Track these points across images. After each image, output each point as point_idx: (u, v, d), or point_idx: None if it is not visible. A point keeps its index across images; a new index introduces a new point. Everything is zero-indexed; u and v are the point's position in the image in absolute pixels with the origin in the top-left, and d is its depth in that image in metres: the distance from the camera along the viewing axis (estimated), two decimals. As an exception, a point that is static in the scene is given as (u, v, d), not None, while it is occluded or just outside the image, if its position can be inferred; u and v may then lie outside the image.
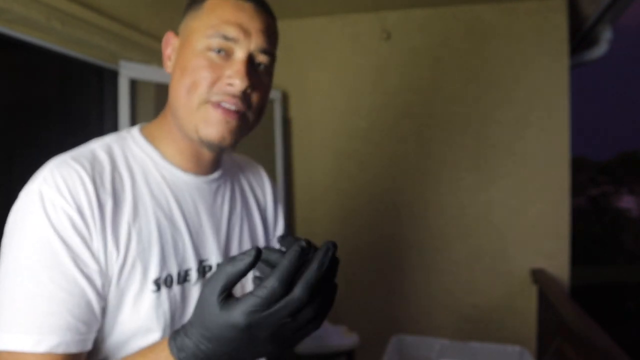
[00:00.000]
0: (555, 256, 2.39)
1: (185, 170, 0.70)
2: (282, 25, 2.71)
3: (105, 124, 1.98)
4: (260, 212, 0.85)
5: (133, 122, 1.98)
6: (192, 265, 0.67)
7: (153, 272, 0.62)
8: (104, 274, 0.59)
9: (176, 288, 0.65)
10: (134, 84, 1.99)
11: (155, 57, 2.09)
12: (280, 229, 0.89)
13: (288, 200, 2.76)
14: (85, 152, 0.63)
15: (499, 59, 2.48)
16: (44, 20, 1.53)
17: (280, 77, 2.79)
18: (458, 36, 2.54)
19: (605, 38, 2.58)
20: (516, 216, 2.45)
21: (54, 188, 0.57)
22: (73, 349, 0.55)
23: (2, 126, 1.63)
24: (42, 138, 1.80)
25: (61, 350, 0.54)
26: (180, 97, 0.67)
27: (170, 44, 0.71)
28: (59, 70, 1.84)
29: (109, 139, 0.68)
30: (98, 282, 0.58)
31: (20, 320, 0.53)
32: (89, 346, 0.58)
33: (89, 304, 0.57)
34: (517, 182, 2.46)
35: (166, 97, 0.75)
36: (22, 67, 1.70)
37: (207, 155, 0.71)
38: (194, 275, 0.67)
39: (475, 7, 2.51)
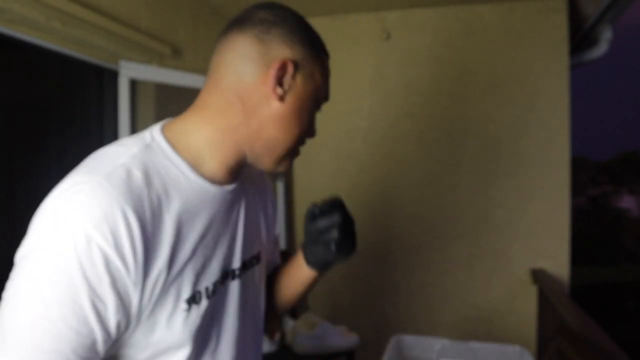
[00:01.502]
0: (555, 256, 2.39)
1: (214, 182, 0.67)
2: (282, 25, 2.62)
3: (105, 124, 1.98)
4: (263, 210, 0.86)
5: (133, 122, 1.98)
6: (218, 277, 0.68)
7: (185, 293, 0.62)
8: (129, 311, 0.56)
9: (204, 302, 0.65)
10: (134, 84, 1.99)
11: (155, 57, 2.09)
12: (276, 224, 0.95)
13: (288, 200, 2.76)
14: (120, 171, 0.57)
15: (499, 59, 2.48)
16: (44, 20, 1.53)
17: (280, 77, 2.79)
18: (458, 36, 2.54)
19: (605, 38, 2.58)
20: (516, 216, 2.45)
21: (91, 222, 0.52)
22: None
23: (2, 126, 1.62)
24: (42, 138, 1.80)
25: None
26: (287, 140, 0.69)
27: (289, 73, 0.65)
28: (59, 70, 1.84)
29: (135, 149, 0.61)
30: (112, 322, 0.55)
31: (23, 354, 0.51)
32: None
33: (94, 344, 0.54)
34: (517, 182, 2.46)
35: (166, 97, 0.75)
36: (22, 67, 1.70)
37: (240, 167, 0.71)
38: (218, 285, 0.68)
39: (475, 7, 2.51)
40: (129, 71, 1.93)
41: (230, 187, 0.70)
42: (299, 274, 0.89)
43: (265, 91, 0.64)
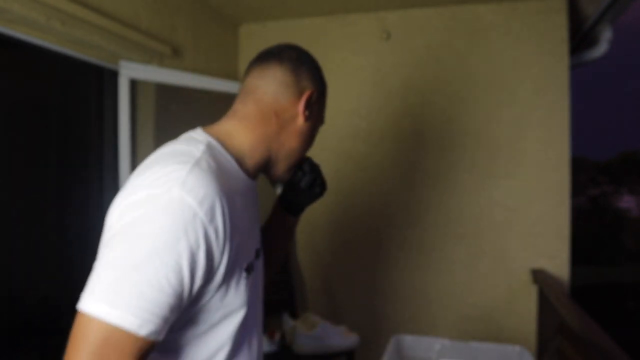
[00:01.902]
0: (555, 256, 2.39)
1: (248, 176, 0.84)
2: (282, 25, 2.72)
3: (105, 124, 1.98)
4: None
5: (133, 122, 1.98)
6: (254, 254, 0.83)
7: (244, 263, 0.78)
8: (213, 275, 0.70)
9: (251, 273, 0.80)
10: (134, 84, 1.99)
11: (155, 57, 2.09)
12: None
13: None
14: (202, 162, 0.71)
15: (499, 59, 2.48)
16: (44, 20, 1.53)
17: (280, 77, 2.79)
18: (458, 36, 2.54)
19: (605, 38, 2.58)
20: (516, 216, 2.45)
21: (196, 200, 0.65)
22: (160, 338, 0.64)
23: (2, 126, 1.63)
24: (42, 138, 1.80)
25: (153, 337, 0.63)
26: (300, 149, 0.90)
27: (313, 100, 0.87)
28: (59, 70, 1.84)
29: (202, 146, 0.75)
30: (196, 287, 0.67)
31: (133, 302, 0.60)
32: (161, 339, 0.66)
33: (180, 305, 0.66)
34: (517, 182, 2.45)
35: (166, 97, 0.78)
36: (22, 67, 1.70)
37: (261, 168, 0.89)
38: (254, 261, 0.83)
39: (475, 7, 2.51)
40: (129, 71, 1.93)
41: (255, 181, 0.88)
42: (283, 224, 1.09)
43: (296, 111, 0.85)
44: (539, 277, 2.30)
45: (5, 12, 1.42)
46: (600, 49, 2.62)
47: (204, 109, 2.44)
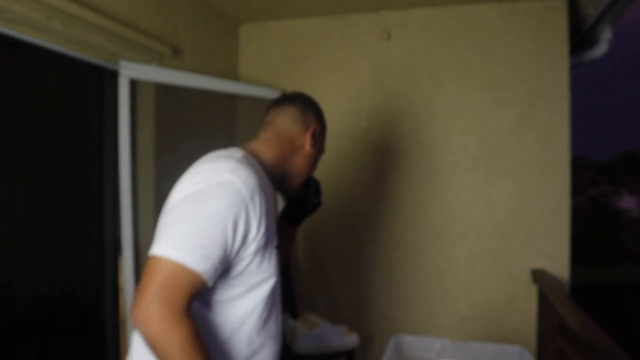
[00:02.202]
0: (555, 256, 2.39)
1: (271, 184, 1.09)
2: (282, 25, 2.72)
3: (105, 124, 1.98)
4: None
5: (133, 122, 1.98)
6: (276, 242, 1.06)
7: (274, 243, 1.03)
8: (246, 242, 0.93)
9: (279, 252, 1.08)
10: (134, 84, 1.99)
11: (155, 57, 2.09)
12: None
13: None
14: (245, 162, 0.97)
15: (499, 59, 2.48)
16: (44, 20, 1.53)
17: (280, 77, 2.79)
18: (458, 36, 2.54)
19: (605, 38, 2.58)
20: (516, 216, 2.45)
21: (245, 186, 0.91)
22: (210, 281, 0.87)
23: (2, 126, 1.63)
24: (41, 138, 1.80)
25: (205, 277, 0.86)
26: (308, 169, 1.19)
27: (316, 133, 1.17)
28: (59, 70, 1.84)
29: (240, 154, 1.01)
30: (236, 247, 0.91)
31: (194, 249, 0.84)
32: (210, 285, 0.88)
33: (225, 259, 0.90)
34: (517, 182, 2.45)
35: (166, 97, 0.79)
36: (22, 67, 1.71)
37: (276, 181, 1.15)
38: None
39: (475, 7, 2.51)
40: (129, 71, 1.93)
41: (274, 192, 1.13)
42: (286, 233, 1.31)
43: (304, 140, 1.15)
44: (539, 277, 2.30)
45: (5, 12, 1.42)
46: (600, 49, 2.62)
47: (203, 109, 2.44)
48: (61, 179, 1.87)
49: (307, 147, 1.14)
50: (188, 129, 2.32)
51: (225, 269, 0.92)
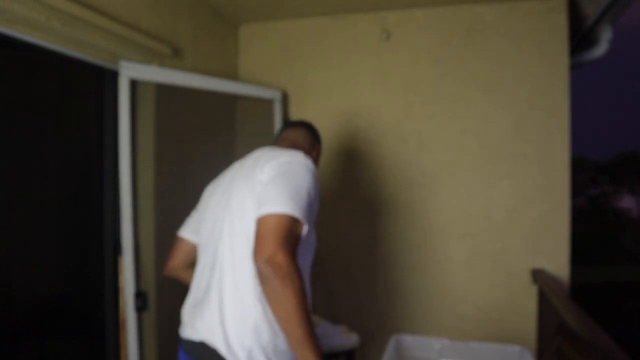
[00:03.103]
0: (555, 256, 2.39)
1: None
2: (282, 25, 2.72)
3: (105, 124, 1.98)
4: None
5: (133, 122, 1.98)
6: None
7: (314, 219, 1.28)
8: (314, 208, 1.21)
9: None
10: (134, 84, 1.99)
11: (155, 57, 2.09)
12: None
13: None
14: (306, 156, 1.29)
15: (499, 59, 2.48)
16: (44, 20, 1.53)
17: (280, 77, 2.79)
18: (458, 36, 2.54)
19: (605, 38, 2.58)
20: (516, 216, 2.45)
21: (315, 168, 1.27)
22: (304, 234, 1.15)
23: (2, 126, 1.62)
24: (41, 138, 1.80)
25: (307, 228, 1.15)
26: None
27: (318, 151, 1.60)
28: (59, 70, 1.84)
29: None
30: (314, 208, 1.22)
31: (300, 207, 1.12)
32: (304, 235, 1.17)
33: (310, 216, 1.19)
34: (517, 182, 2.46)
35: (166, 97, 0.77)
36: (22, 67, 1.70)
37: None
38: None
39: (475, 7, 2.51)
40: (129, 71, 1.93)
41: None
42: None
43: (312, 155, 1.54)
44: (539, 277, 2.30)
45: (5, 12, 1.42)
46: (600, 49, 2.62)
47: (203, 109, 2.44)
48: (61, 179, 1.87)
49: (311, 158, 1.42)
50: (188, 129, 2.32)
51: None
